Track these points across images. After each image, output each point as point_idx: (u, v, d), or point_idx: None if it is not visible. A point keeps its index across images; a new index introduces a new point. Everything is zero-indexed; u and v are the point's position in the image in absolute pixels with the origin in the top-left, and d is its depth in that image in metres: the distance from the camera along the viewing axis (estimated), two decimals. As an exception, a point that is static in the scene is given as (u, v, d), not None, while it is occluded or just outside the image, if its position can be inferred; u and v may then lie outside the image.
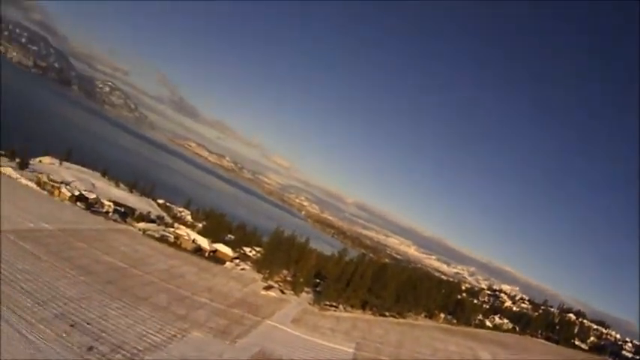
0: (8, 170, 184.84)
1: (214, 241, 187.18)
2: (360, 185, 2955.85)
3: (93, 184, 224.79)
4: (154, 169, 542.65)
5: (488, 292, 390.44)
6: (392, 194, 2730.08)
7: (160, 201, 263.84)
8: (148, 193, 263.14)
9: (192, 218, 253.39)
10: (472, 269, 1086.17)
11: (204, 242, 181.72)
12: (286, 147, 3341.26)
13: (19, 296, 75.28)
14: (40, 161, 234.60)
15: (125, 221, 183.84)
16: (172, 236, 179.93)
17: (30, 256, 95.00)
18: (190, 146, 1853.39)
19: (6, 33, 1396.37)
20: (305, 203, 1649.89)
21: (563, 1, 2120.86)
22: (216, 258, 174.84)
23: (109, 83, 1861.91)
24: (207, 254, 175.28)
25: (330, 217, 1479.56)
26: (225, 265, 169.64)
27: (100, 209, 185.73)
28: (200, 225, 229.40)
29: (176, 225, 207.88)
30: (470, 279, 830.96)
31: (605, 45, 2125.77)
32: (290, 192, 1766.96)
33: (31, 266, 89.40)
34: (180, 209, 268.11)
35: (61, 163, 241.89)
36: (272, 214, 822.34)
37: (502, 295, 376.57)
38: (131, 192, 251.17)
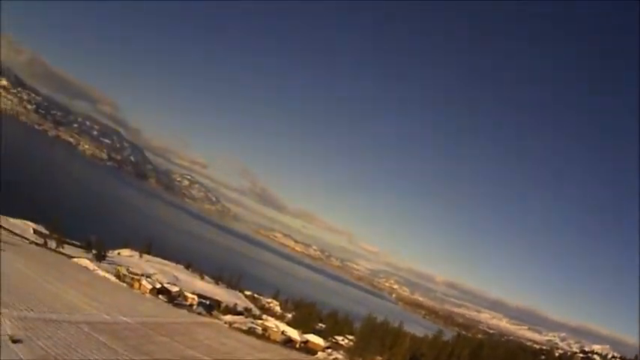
0: (85, 262, 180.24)
1: (305, 331, 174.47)
2: (450, 263, 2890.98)
3: (176, 277, 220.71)
4: (240, 260, 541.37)
5: (581, 354, 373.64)
6: (481, 269, 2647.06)
7: (247, 293, 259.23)
8: (234, 285, 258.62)
9: (281, 309, 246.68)
10: (563, 334, 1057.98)
11: (294, 333, 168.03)
12: (374, 232, 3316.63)
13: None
14: (119, 253, 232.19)
15: (210, 314, 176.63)
16: (260, 328, 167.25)
17: (106, 349, 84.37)
18: (276, 237, 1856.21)
19: (75, 125, 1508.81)
20: (395, 286, 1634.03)
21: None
22: (307, 349, 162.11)
23: (188, 176, 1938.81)
24: (297, 345, 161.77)
25: (421, 298, 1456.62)
26: (317, 356, 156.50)
27: (184, 302, 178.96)
28: (289, 315, 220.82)
29: (264, 316, 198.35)
30: (562, 344, 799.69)
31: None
32: (380, 276, 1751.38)
33: None
34: (269, 300, 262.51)
35: (141, 256, 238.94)
36: (362, 299, 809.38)
37: (595, 356, 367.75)
38: (217, 284, 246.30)
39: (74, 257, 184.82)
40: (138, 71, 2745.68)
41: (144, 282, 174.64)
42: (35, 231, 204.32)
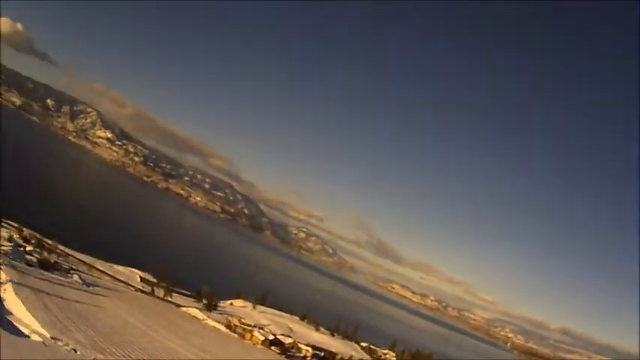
0: (194, 311, 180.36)
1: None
2: (562, 309, 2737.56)
3: (290, 328, 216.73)
4: (357, 312, 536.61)
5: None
6: (593, 315, 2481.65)
7: (364, 344, 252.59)
8: (350, 336, 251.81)
9: None
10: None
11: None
12: (490, 281, 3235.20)
13: None
14: (232, 304, 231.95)
15: None
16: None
17: None
18: (393, 288, 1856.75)
19: (186, 178, 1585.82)
20: (510, 335, 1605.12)
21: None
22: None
23: (304, 229, 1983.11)
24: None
25: (535, 346, 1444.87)
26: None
27: (297, 354, 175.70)
28: None
29: None
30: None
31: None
32: (495, 325, 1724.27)
33: None
34: (385, 351, 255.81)
35: (254, 307, 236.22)
36: (479, 349, 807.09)
37: None
38: (332, 336, 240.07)
39: (183, 306, 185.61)
40: (249, 126, 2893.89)
41: (256, 333, 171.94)
42: (142, 279, 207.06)
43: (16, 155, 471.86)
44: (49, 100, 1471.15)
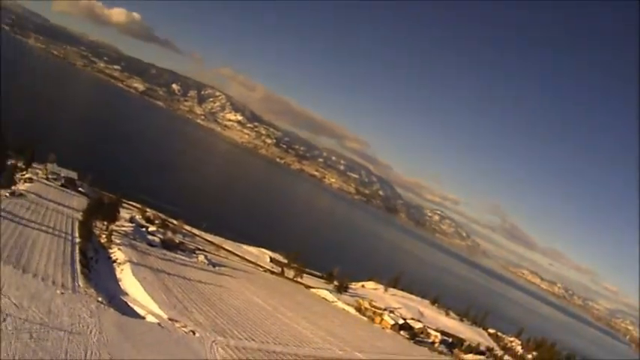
0: (324, 293, 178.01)
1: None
2: None
3: (420, 312, 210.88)
4: (487, 297, 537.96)
5: None
6: None
7: (491, 331, 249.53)
8: (479, 322, 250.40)
9: (522, 348, 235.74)
10: None
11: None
12: (615, 269, 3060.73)
13: None
14: (363, 286, 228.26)
15: (452, 352, 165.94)
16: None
17: None
18: (523, 274, 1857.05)
19: (320, 159, 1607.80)
20: (630, 327, 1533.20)
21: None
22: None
23: (439, 212, 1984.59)
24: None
25: None
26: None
27: (426, 339, 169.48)
28: (530, 356, 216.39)
29: (506, 357, 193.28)
30: None
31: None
32: (617, 317, 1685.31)
33: None
34: (511, 339, 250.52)
35: (386, 290, 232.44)
36: (598, 340, 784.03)
37: None
38: (461, 321, 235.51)
39: (313, 288, 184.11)
40: (388, 109, 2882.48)
41: (386, 317, 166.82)
42: (272, 259, 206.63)
43: (144, 138, 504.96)
44: (174, 85, 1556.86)
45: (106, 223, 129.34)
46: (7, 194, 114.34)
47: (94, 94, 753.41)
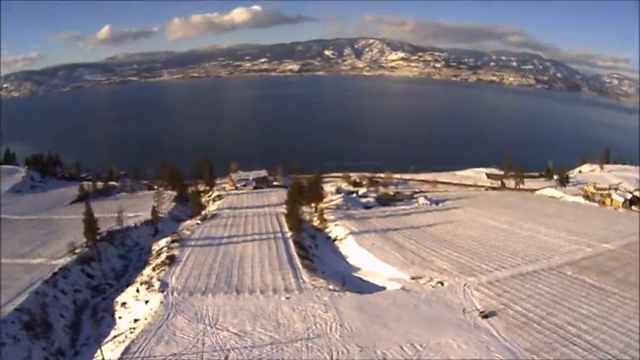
0: (550, 191, 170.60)
1: None
2: None
3: None
4: None
5: None
6: None
7: None
8: None
9: None
10: None
11: None
12: None
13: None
14: (580, 171, 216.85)
15: None
16: None
17: (595, 292, 72.66)
18: None
19: (492, 64, 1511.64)
20: None
21: None
22: None
23: (615, 75, 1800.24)
24: None
25: None
26: None
27: None
28: None
29: None
30: None
31: None
32: None
33: (598, 306, 67.15)
34: None
35: (602, 167, 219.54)
36: None
37: None
38: None
39: (537, 189, 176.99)
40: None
41: (614, 196, 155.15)
42: (488, 175, 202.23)
43: (316, 110, 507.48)
44: (326, 52, 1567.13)
45: (313, 204, 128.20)
46: (199, 221, 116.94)
47: (243, 93, 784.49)
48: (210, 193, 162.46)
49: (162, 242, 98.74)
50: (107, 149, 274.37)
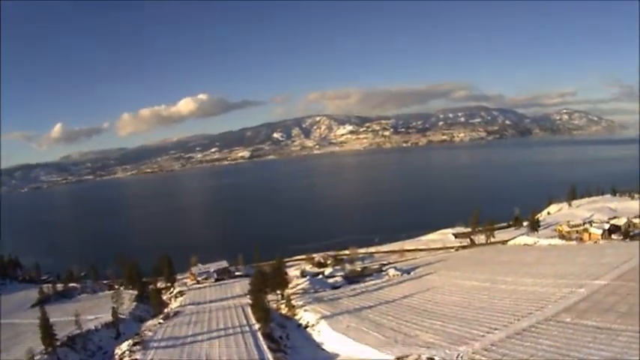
0: (522, 239, 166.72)
1: None
2: None
3: (611, 209, 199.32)
4: None
5: None
6: None
7: None
8: None
9: None
10: None
11: None
12: None
13: None
14: (548, 213, 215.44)
15: None
16: None
17: (602, 335, 64.12)
18: None
19: (440, 123, 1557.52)
20: None
21: None
22: None
23: (564, 110, 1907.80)
24: None
25: None
26: None
27: (636, 230, 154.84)
28: None
29: None
30: None
31: None
32: None
33: (609, 348, 59.82)
34: None
35: (569, 204, 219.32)
36: None
37: None
38: None
39: (509, 240, 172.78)
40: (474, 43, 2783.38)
41: (592, 229, 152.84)
42: (455, 235, 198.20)
43: (272, 196, 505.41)
44: (275, 134, 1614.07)
45: (279, 291, 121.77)
46: (161, 320, 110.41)
47: (199, 184, 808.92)
48: (172, 289, 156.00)
49: (124, 346, 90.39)
50: (67, 250, 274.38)
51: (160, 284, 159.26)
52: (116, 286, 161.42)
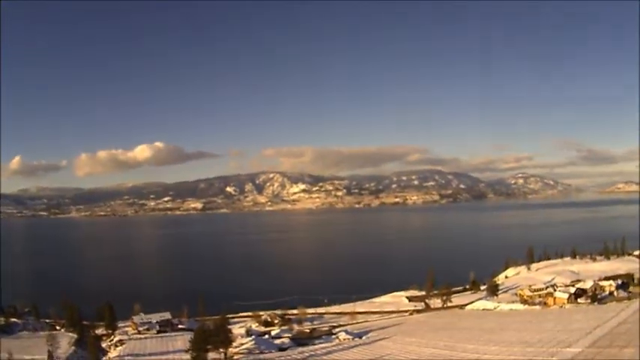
0: (481, 304, 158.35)
1: None
2: None
3: (572, 271, 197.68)
4: (604, 224, 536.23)
5: None
6: None
7: (637, 252, 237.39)
8: (622, 251, 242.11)
9: None
10: None
11: None
12: None
13: None
14: (506, 277, 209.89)
15: (630, 292, 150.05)
16: None
17: None
18: (619, 188, 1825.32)
19: (394, 186, 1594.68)
20: None
21: None
22: None
23: (520, 175, 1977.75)
24: None
25: None
26: None
27: (603, 293, 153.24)
28: None
29: None
30: None
31: None
32: None
33: None
34: None
35: (528, 268, 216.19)
36: None
37: None
38: (608, 259, 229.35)
39: (467, 304, 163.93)
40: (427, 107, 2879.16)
41: (557, 294, 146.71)
42: (409, 298, 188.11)
43: (230, 243, 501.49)
44: (228, 188, 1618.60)
45: (222, 350, 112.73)
46: None
47: (151, 232, 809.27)
48: (112, 337, 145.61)
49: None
50: (13, 283, 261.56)
51: (101, 330, 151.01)
52: (57, 327, 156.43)
